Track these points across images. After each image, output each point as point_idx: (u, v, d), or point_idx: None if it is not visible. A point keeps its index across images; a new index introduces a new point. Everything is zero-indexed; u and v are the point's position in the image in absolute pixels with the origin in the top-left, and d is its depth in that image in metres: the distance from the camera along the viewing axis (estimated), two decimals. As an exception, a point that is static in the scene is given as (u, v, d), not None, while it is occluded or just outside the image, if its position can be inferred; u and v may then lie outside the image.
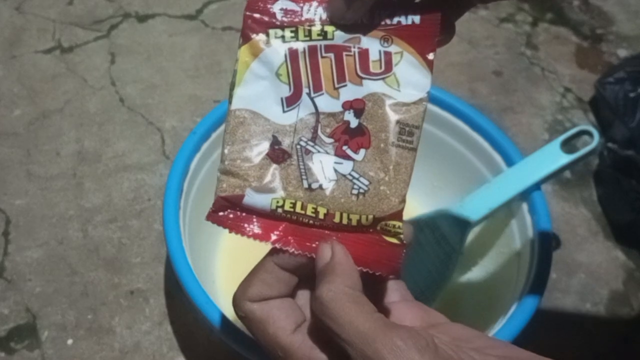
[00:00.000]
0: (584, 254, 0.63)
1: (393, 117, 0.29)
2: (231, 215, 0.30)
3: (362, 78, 0.29)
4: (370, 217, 0.29)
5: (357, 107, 0.29)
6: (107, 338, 0.54)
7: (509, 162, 0.53)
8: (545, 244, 0.49)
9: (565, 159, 0.52)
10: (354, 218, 0.29)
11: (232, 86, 0.30)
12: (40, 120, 0.68)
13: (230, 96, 0.30)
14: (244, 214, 0.30)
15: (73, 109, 0.69)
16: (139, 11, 0.79)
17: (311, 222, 0.29)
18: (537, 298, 0.46)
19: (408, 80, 0.29)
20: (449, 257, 0.52)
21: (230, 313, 0.43)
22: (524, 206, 0.51)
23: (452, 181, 0.58)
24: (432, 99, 0.56)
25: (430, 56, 0.29)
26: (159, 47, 0.76)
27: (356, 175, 0.29)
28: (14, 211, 0.61)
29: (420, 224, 0.54)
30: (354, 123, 0.29)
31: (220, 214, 0.30)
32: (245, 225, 0.30)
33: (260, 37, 0.30)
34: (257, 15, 0.30)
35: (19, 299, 0.56)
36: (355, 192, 0.29)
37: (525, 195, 0.51)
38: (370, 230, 0.29)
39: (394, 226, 0.29)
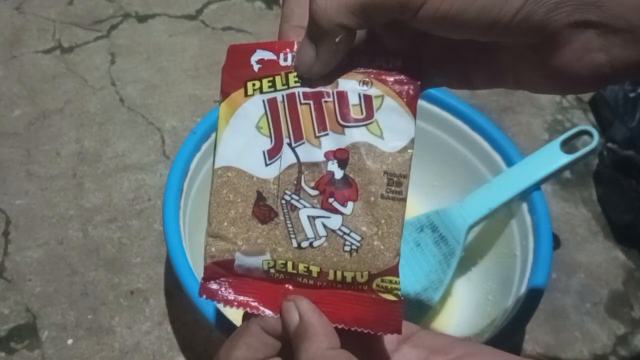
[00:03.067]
0: (584, 254, 0.63)
1: (380, 168, 0.28)
2: (223, 288, 0.29)
3: (343, 126, 0.28)
4: (365, 273, 0.28)
5: (340, 157, 0.28)
6: (107, 338, 0.54)
7: (509, 162, 0.53)
8: (545, 244, 0.49)
9: (565, 159, 0.52)
10: (349, 275, 0.28)
11: (215, 145, 0.29)
12: (40, 120, 0.68)
13: (214, 155, 0.29)
14: (236, 282, 0.29)
15: (73, 109, 0.69)
16: (139, 11, 0.79)
17: (305, 280, 0.29)
18: (537, 298, 0.46)
19: (391, 127, 0.28)
20: (448, 257, 0.52)
21: (230, 313, 0.43)
22: (524, 206, 0.51)
23: (452, 181, 0.58)
24: (432, 99, 0.56)
25: (414, 100, 0.28)
26: (159, 47, 0.76)
27: (347, 231, 0.28)
28: (14, 211, 0.61)
29: (420, 224, 0.54)
30: (338, 174, 0.28)
31: (212, 285, 0.29)
32: (240, 297, 0.29)
33: (238, 92, 0.29)
34: (234, 70, 0.29)
35: (19, 299, 0.56)
36: (347, 248, 0.28)
37: (525, 195, 0.51)
38: (365, 287, 0.28)
39: (390, 281, 0.28)
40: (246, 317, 0.29)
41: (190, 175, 0.51)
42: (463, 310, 0.55)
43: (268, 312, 0.28)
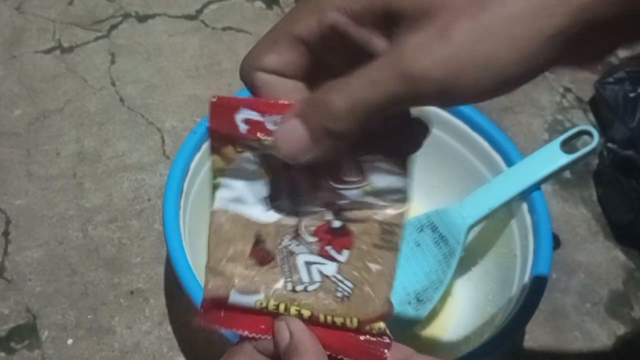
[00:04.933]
0: (584, 254, 0.63)
1: (375, 218, 0.29)
2: (221, 313, 0.30)
3: (338, 189, 0.29)
4: (355, 320, 0.28)
5: (338, 209, 0.29)
6: (107, 338, 0.54)
7: (509, 162, 0.53)
8: (545, 244, 0.49)
9: (565, 159, 0.52)
10: (339, 320, 0.29)
11: (213, 188, 0.30)
12: (40, 120, 0.68)
13: (212, 197, 0.30)
14: (230, 312, 0.30)
15: (73, 109, 0.69)
16: (139, 11, 0.79)
17: None
18: (537, 298, 0.46)
19: (386, 187, 0.28)
20: (448, 257, 0.52)
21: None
22: (524, 206, 0.51)
23: (452, 181, 0.58)
24: (432, 99, 0.56)
25: (405, 161, 0.28)
26: (159, 47, 0.76)
27: (340, 278, 0.29)
28: (14, 211, 0.61)
29: (420, 224, 0.54)
30: (336, 224, 0.29)
31: (209, 313, 0.30)
32: (235, 320, 0.30)
33: (228, 148, 0.29)
34: (221, 131, 0.29)
35: (19, 299, 0.56)
36: (339, 294, 0.29)
37: (525, 195, 0.51)
38: (355, 330, 0.29)
39: (379, 328, 0.29)
40: (241, 339, 0.30)
41: (190, 175, 0.51)
42: (463, 310, 0.55)
43: (261, 336, 0.29)
